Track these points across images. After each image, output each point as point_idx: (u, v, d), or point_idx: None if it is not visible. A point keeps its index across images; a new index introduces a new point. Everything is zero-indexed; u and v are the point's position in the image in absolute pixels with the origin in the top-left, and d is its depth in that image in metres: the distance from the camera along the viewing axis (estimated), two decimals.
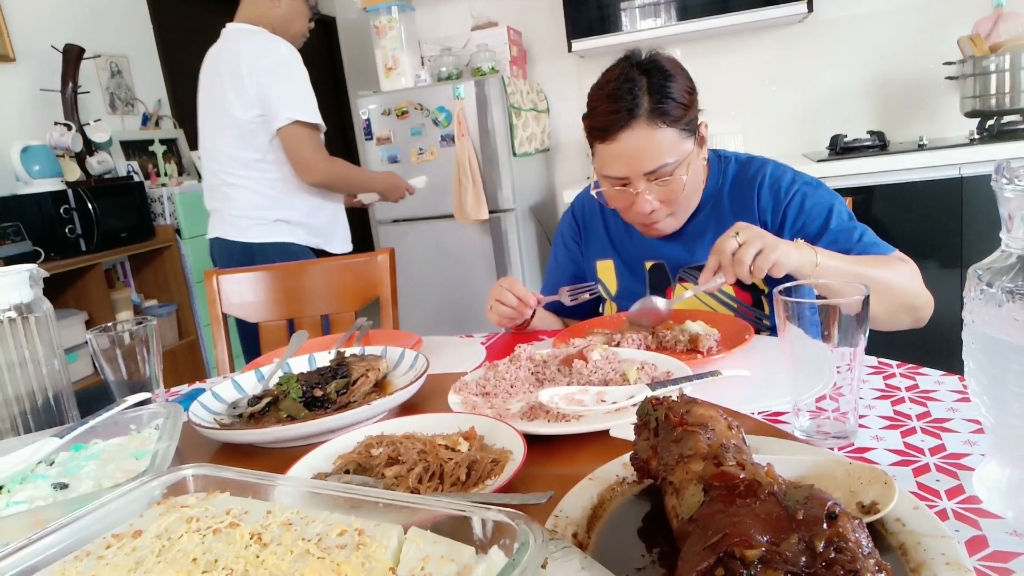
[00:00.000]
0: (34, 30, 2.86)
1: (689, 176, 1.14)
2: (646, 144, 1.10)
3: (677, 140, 1.12)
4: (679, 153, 1.12)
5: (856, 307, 0.67)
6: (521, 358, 0.94)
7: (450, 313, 3.11)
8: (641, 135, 1.10)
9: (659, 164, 1.11)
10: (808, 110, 3.07)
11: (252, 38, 1.96)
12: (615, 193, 1.18)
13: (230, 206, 2.05)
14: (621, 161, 1.13)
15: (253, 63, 1.90)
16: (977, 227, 2.33)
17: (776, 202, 1.20)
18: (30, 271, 0.94)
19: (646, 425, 0.58)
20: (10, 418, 0.91)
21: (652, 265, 1.29)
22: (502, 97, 2.88)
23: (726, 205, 1.23)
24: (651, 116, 1.10)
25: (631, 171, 1.12)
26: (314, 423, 0.80)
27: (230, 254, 2.07)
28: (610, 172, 1.15)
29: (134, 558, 0.48)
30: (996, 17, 2.53)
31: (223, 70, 1.97)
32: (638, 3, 2.90)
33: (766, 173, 1.22)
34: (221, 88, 1.97)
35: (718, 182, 1.25)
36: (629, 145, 1.11)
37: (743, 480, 0.44)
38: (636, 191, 1.14)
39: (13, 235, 2.47)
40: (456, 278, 3.06)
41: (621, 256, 1.32)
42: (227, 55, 1.98)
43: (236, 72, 1.92)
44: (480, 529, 0.45)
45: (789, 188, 1.19)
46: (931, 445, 0.69)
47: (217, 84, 1.99)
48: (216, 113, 2.02)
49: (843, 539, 0.38)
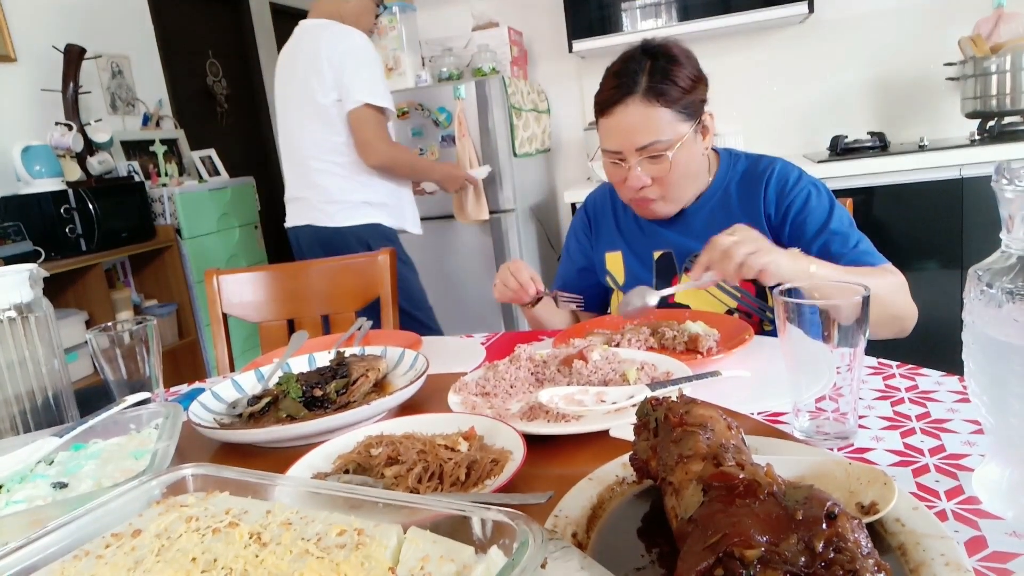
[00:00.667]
0: (35, 30, 2.87)
1: (682, 159, 1.19)
2: (639, 120, 1.16)
3: (672, 121, 1.16)
4: (672, 134, 1.17)
5: (855, 311, 0.67)
6: (521, 358, 0.94)
7: (450, 313, 3.11)
8: (635, 111, 1.16)
9: (650, 140, 1.16)
10: (809, 111, 3.07)
11: (329, 28, 2.07)
12: (611, 167, 1.24)
13: (317, 193, 2.12)
14: (616, 135, 1.19)
15: (332, 49, 2.01)
16: (977, 228, 2.33)
17: (780, 196, 1.23)
18: (30, 271, 0.94)
19: (645, 425, 0.58)
20: (10, 417, 0.91)
21: (660, 255, 1.32)
22: (503, 97, 2.88)
23: (734, 198, 1.26)
24: (647, 94, 1.16)
25: (624, 145, 1.18)
26: (314, 423, 0.80)
27: (319, 240, 2.13)
28: (606, 145, 1.22)
29: (133, 558, 0.48)
30: (997, 18, 2.53)
31: (303, 60, 2.08)
32: (639, 3, 2.90)
33: (775, 169, 1.25)
34: (303, 77, 2.06)
35: (727, 175, 1.28)
36: (624, 120, 1.17)
37: (742, 480, 0.44)
38: (628, 165, 1.19)
39: (14, 235, 2.47)
40: (456, 278, 3.06)
41: (630, 246, 1.36)
42: (306, 47, 2.09)
43: (315, 59, 2.03)
44: (480, 529, 0.45)
45: (795, 184, 1.22)
46: (931, 446, 0.69)
47: (299, 74, 2.08)
48: (298, 102, 2.10)
49: (842, 539, 0.38)
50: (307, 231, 2.17)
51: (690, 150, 1.19)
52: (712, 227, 1.24)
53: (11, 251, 2.41)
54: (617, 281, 1.37)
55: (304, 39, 2.12)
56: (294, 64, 2.11)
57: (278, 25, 4.71)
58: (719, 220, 1.24)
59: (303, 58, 2.08)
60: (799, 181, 1.23)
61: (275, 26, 4.71)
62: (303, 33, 2.14)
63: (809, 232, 1.17)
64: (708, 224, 1.26)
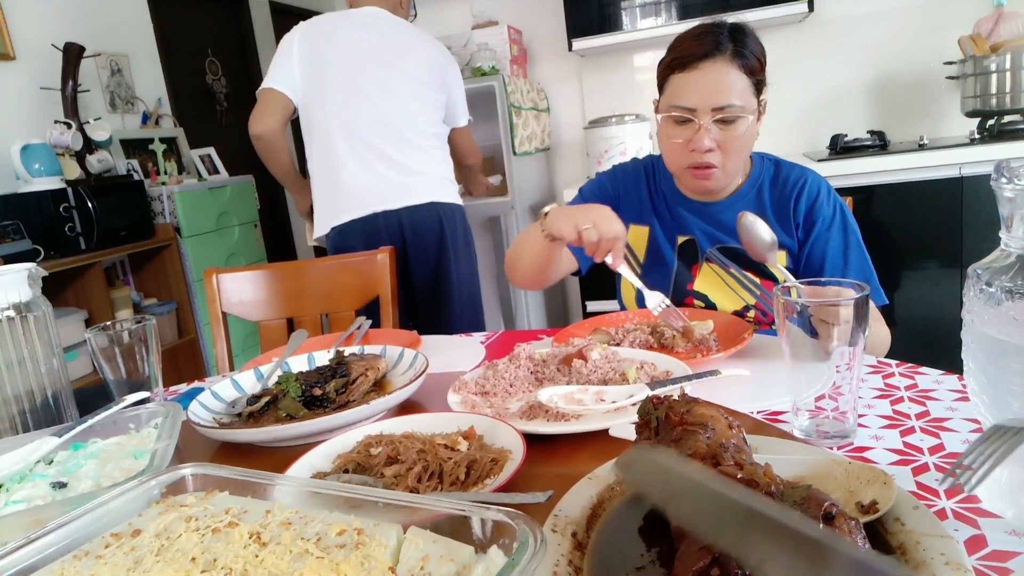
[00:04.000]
0: (34, 28, 2.86)
1: (747, 132, 1.18)
2: (723, 78, 1.15)
3: (747, 90, 1.17)
4: (745, 102, 1.16)
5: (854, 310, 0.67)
6: (520, 357, 0.94)
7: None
8: (721, 68, 1.15)
9: (728, 102, 1.15)
10: (808, 109, 3.07)
11: (436, 42, 2.18)
12: (674, 128, 1.20)
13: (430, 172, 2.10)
14: (696, 90, 1.16)
15: (448, 67, 2.17)
16: (977, 227, 2.33)
17: (809, 211, 1.24)
18: (29, 270, 0.94)
19: (647, 424, 0.58)
20: (9, 417, 0.91)
21: (684, 240, 1.31)
22: (502, 96, 2.88)
23: (767, 201, 1.27)
24: (733, 56, 1.16)
25: (701, 102, 1.16)
26: (313, 422, 0.80)
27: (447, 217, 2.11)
28: (680, 102, 1.18)
29: (133, 557, 0.48)
30: (997, 17, 2.53)
31: (417, 59, 2.07)
32: (639, 2, 2.90)
33: (806, 180, 1.26)
34: (414, 73, 2.07)
35: (760, 175, 1.29)
36: (708, 76, 1.16)
37: (740, 480, 0.44)
38: (699, 124, 1.16)
39: (13, 233, 2.47)
40: None
41: (661, 225, 1.34)
42: (420, 49, 2.09)
43: (436, 67, 2.11)
44: (479, 529, 0.45)
45: (824, 203, 1.24)
46: (930, 444, 0.69)
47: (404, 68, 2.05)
48: (408, 87, 2.07)
49: None
50: (427, 210, 2.07)
51: (752, 127, 1.19)
52: None
53: (10, 250, 2.41)
54: (638, 258, 1.35)
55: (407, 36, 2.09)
56: (396, 54, 2.05)
57: (277, 23, 4.70)
58: None
59: (421, 58, 2.08)
60: (829, 198, 1.24)
61: (274, 24, 4.70)
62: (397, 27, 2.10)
63: (826, 264, 1.20)
64: None
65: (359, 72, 2.00)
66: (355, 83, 1.99)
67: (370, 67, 2.00)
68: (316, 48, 2.00)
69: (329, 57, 1.99)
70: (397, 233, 2.02)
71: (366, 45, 2.02)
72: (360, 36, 2.03)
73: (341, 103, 1.98)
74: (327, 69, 1.99)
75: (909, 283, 2.44)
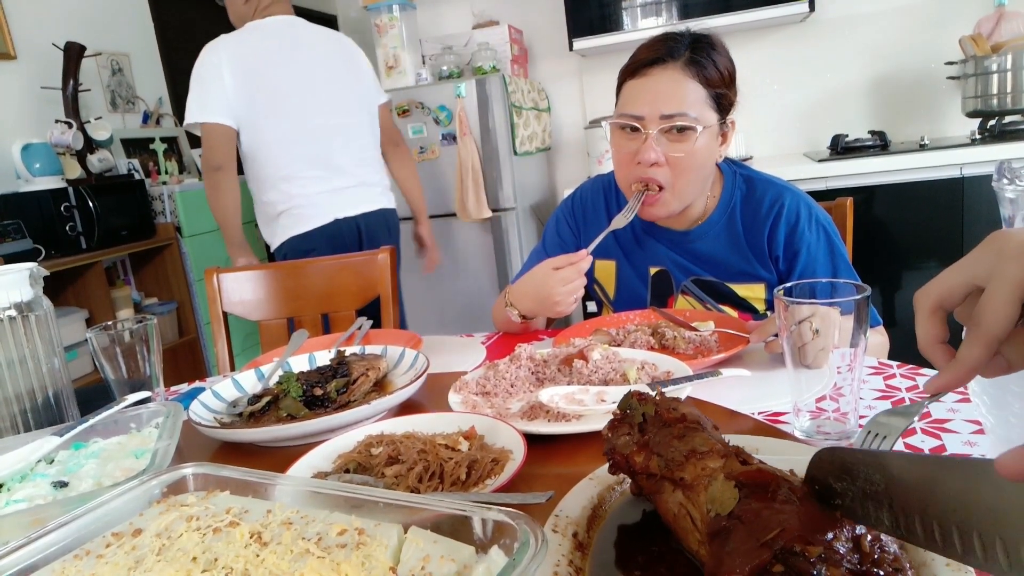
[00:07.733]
0: (35, 28, 2.86)
1: (701, 150, 1.11)
2: (673, 86, 1.10)
3: (702, 102, 1.11)
4: (700, 114, 1.10)
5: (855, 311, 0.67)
6: (521, 357, 0.94)
7: (451, 312, 3.11)
8: (671, 76, 1.10)
9: (678, 110, 1.09)
10: (809, 110, 3.07)
11: (337, 33, 2.22)
12: (623, 140, 1.15)
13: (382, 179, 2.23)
14: (643, 97, 1.12)
15: (356, 54, 2.22)
16: (978, 227, 2.33)
17: (789, 240, 1.17)
18: (30, 269, 0.94)
19: (626, 419, 0.56)
20: (10, 416, 0.91)
21: (657, 271, 1.26)
22: (503, 96, 2.88)
23: (739, 228, 1.20)
24: (687, 64, 1.11)
25: (650, 109, 1.11)
26: (314, 422, 0.80)
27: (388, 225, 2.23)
28: (628, 109, 1.14)
29: (134, 557, 0.48)
30: (998, 16, 2.53)
31: (345, 60, 2.16)
32: (639, 2, 2.90)
33: (783, 204, 1.18)
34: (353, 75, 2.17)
35: (731, 197, 1.22)
36: (657, 82, 1.11)
37: (775, 479, 0.44)
38: (646, 134, 1.11)
39: (13, 233, 2.47)
40: (456, 277, 3.06)
41: (628, 258, 1.29)
42: (340, 49, 2.17)
43: (356, 62, 2.20)
44: (480, 529, 0.45)
45: (804, 230, 1.16)
46: (931, 446, 0.69)
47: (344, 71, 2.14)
48: (358, 97, 2.17)
49: (879, 538, 0.39)
50: (378, 216, 2.19)
51: (709, 145, 1.13)
52: (715, 254, 1.21)
53: (11, 249, 2.41)
54: (608, 294, 1.32)
55: (328, 40, 2.15)
56: (331, 57, 2.13)
57: None
58: (723, 245, 1.21)
59: (345, 58, 2.17)
60: (810, 221, 1.16)
61: None
62: (318, 34, 2.14)
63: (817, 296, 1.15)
64: (711, 249, 1.22)
65: (308, 91, 2.07)
66: (308, 101, 2.06)
67: (318, 84, 2.08)
68: (255, 72, 1.99)
69: (272, 80, 2.02)
70: (355, 238, 2.13)
71: (307, 61, 2.08)
72: (300, 54, 2.08)
73: (298, 123, 2.04)
74: (276, 91, 2.02)
75: (910, 283, 2.44)
